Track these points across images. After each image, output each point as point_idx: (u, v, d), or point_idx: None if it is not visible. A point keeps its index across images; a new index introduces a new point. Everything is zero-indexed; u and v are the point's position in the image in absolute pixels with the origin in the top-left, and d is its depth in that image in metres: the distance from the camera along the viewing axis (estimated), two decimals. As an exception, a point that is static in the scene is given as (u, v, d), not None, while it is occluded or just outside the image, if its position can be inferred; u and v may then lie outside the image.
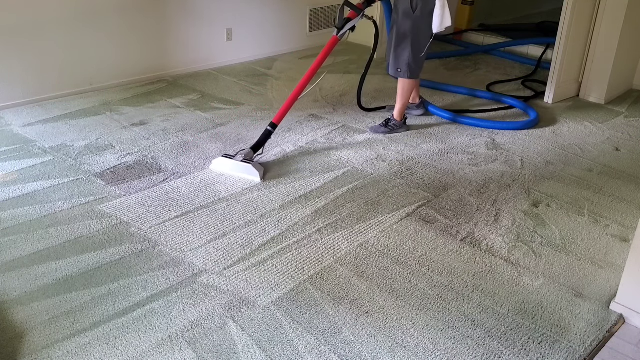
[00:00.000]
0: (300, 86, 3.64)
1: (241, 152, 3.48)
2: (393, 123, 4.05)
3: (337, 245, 2.79)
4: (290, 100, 3.63)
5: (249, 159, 3.42)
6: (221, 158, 3.46)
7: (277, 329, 2.27)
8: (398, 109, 4.03)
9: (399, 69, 3.89)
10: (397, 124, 4.06)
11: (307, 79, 3.65)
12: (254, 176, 3.33)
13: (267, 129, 3.59)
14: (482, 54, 5.99)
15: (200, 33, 5.03)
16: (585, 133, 4.22)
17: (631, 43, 4.76)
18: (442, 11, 3.66)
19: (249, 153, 3.45)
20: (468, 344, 2.25)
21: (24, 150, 3.55)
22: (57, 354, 2.11)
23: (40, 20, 4.09)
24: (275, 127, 3.61)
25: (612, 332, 2.36)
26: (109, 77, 4.57)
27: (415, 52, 3.83)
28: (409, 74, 3.89)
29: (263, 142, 3.58)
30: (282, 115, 3.62)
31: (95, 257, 2.63)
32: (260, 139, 3.58)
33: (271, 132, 3.60)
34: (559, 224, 3.07)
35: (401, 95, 3.98)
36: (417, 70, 3.94)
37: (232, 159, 3.43)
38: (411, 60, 3.84)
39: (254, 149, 3.51)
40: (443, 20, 3.68)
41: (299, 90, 3.63)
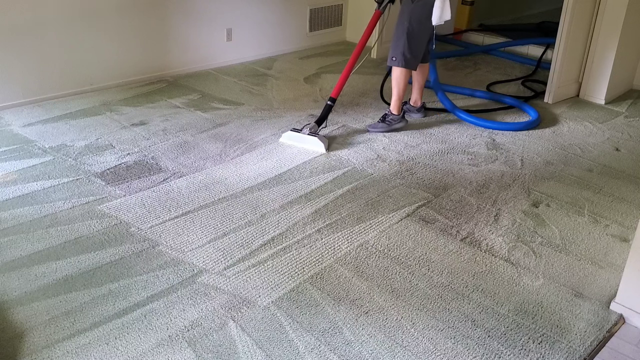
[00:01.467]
0: (352, 60, 3.89)
1: (307, 126, 3.82)
2: (390, 117, 4.02)
3: (337, 245, 2.80)
4: (345, 75, 3.90)
5: (315, 132, 3.75)
6: (290, 132, 3.79)
7: (277, 329, 2.27)
8: (394, 101, 3.99)
9: (394, 58, 3.85)
10: (395, 117, 4.02)
11: (357, 53, 3.88)
12: (320, 147, 3.67)
13: (328, 103, 3.89)
14: (482, 54, 5.99)
15: (200, 33, 5.03)
16: (585, 133, 4.22)
17: (631, 43, 4.76)
18: (443, 4, 3.64)
19: (314, 127, 3.79)
20: (468, 344, 2.25)
21: (24, 150, 3.55)
22: (57, 354, 2.11)
23: (40, 20, 4.09)
24: (334, 102, 3.90)
25: (612, 332, 2.36)
26: (109, 77, 4.57)
27: (411, 41, 3.78)
28: (403, 62, 3.83)
29: (325, 116, 3.88)
30: (339, 89, 3.90)
31: (95, 257, 2.63)
32: (322, 114, 3.89)
33: (331, 106, 3.89)
34: (559, 224, 3.07)
35: (396, 85, 3.93)
36: (413, 61, 3.87)
37: (299, 132, 3.76)
38: (406, 50, 3.80)
39: (318, 123, 3.83)
40: (443, 13, 3.66)
41: (351, 64, 3.89)
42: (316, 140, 3.70)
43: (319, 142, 3.69)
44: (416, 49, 3.85)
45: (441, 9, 3.64)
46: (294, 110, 4.38)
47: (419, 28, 3.77)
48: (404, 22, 3.78)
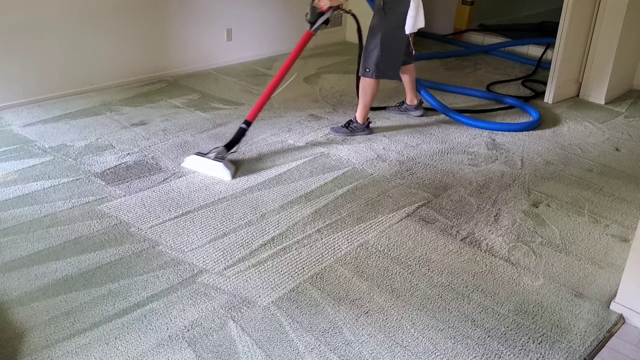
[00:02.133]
0: (274, 83, 3.60)
1: (214, 150, 3.44)
2: (354, 125, 3.95)
3: (337, 245, 2.79)
4: (264, 98, 3.60)
5: (221, 157, 3.39)
6: (194, 156, 3.43)
7: (277, 329, 2.27)
8: (359, 110, 3.93)
9: (367, 69, 3.79)
10: (359, 126, 3.95)
11: (281, 76, 3.60)
12: (225, 175, 3.31)
13: (241, 126, 3.57)
14: (482, 54, 5.99)
15: (200, 33, 5.03)
16: (585, 133, 4.22)
17: (631, 43, 4.76)
18: (416, 12, 3.64)
19: (221, 151, 3.43)
20: (468, 344, 2.25)
21: (24, 150, 3.55)
22: (57, 354, 2.11)
23: (40, 20, 4.09)
24: (249, 125, 3.58)
25: (612, 332, 2.36)
26: (109, 77, 4.57)
27: (385, 52, 3.74)
28: (376, 73, 3.78)
29: (237, 140, 3.55)
30: (256, 112, 3.60)
31: (95, 257, 2.63)
32: (234, 137, 3.55)
33: (245, 129, 3.57)
34: (559, 224, 3.07)
35: (363, 95, 3.87)
36: (387, 72, 3.83)
37: (204, 156, 3.40)
38: (380, 60, 3.75)
39: (228, 147, 3.49)
40: (416, 21, 3.67)
41: (272, 87, 3.60)
42: (221, 166, 3.32)
43: (223, 168, 3.32)
44: (393, 58, 3.81)
45: (414, 18, 3.65)
46: (294, 110, 4.38)
47: (394, 38, 3.74)
48: (377, 34, 3.72)
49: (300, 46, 3.64)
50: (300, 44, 3.65)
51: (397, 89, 4.64)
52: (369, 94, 3.87)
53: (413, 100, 4.26)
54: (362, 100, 3.91)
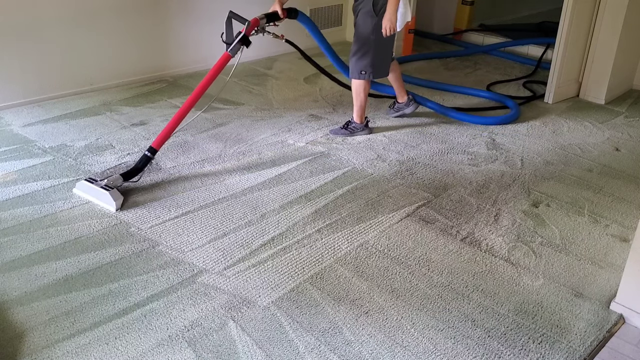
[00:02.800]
0: (183, 109, 3.30)
1: (109, 177, 3.13)
2: (353, 126, 3.99)
3: (337, 245, 2.79)
4: (171, 125, 3.29)
5: (112, 186, 3.06)
6: (84, 181, 3.13)
7: (277, 329, 2.27)
8: (356, 111, 3.96)
9: (363, 72, 3.80)
10: (358, 126, 3.99)
11: (193, 100, 3.33)
12: (110, 205, 3.00)
13: (145, 154, 3.24)
14: (482, 54, 5.99)
15: (200, 33, 5.02)
16: (585, 133, 4.22)
17: (631, 43, 4.76)
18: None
19: (117, 179, 3.11)
20: (468, 344, 2.25)
21: (24, 150, 3.55)
22: (57, 354, 2.11)
23: (40, 20, 4.09)
24: (154, 153, 3.26)
25: (612, 332, 2.36)
26: (109, 77, 4.57)
27: (380, 52, 3.80)
28: (373, 74, 3.84)
29: (140, 169, 3.23)
30: (162, 140, 3.29)
31: (95, 257, 2.63)
32: (136, 165, 3.24)
33: (150, 158, 3.25)
34: (559, 224, 3.07)
35: (357, 97, 3.90)
36: (383, 69, 3.90)
37: (94, 182, 3.09)
38: (376, 61, 3.80)
39: (125, 176, 3.15)
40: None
41: (181, 114, 3.29)
42: (107, 195, 3.00)
43: (109, 197, 3.00)
44: (386, 57, 3.88)
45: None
46: (294, 110, 4.38)
47: (385, 38, 3.75)
48: (369, 37, 3.73)
49: (216, 69, 3.36)
50: (217, 66, 3.35)
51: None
52: (362, 95, 3.90)
53: (403, 97, 4.25)
54: (358, 101, 3.93)
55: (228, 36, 3.37)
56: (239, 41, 3.34)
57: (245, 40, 3.37)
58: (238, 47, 3.35)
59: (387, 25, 3.60)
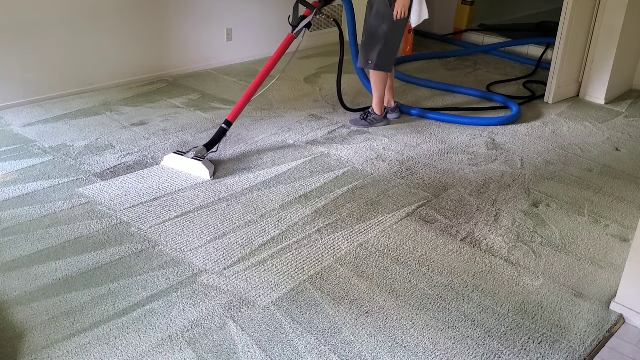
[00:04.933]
0: (255, 84, 3.64)
1: (194, 149, 3.46)
2: (372, 117, 4.10)
3: (337, 245, 2.79)
4: (245, 98, 3.63)
5: (201, 156, 3.40)
6: (173, 154, 3.44)
7: (277, 329, 2.27)
8: (375, 102, 4.07)
9: (370, 61, 3.89)
10: (377, 117, 4.10)
11: (262, 78, 3.66)
12: (204, 174, 3.32)
13: (222, 127, 3.60)
14: (482, 54, 5.99)
15: (200, 33, 5.03)
16: (585, 133, 4.22)
17: (631, 43, 4.76)
18: (420, 5, 3.72)
19: (201, 150, 3.43)
20: (468, 344, 2.25)
21: (24, 150, 3.55)
22: (57, 354, 2.11)
23: (40, 20, 4.09)
24: (230, 125, 3.60)
25: (612, 332, 2.36)
26: (109, 77, 4.57)
27: (390, 46, 3.86)
28: (380, 66, 3.91)
29: (217, 140, 3.56)
30: (236, 113, 3.63)
31: (95, 257, 2.63)
32: (214, 137, 3.56)
33: (226, 130, 3.59)
34: (559, 224, 3.07)
35: (375, 88, 4.01)
36: (389, 63, 3.95)
37: (184, 155, 3.41)
38: (385, 53, 3.87)
39: (207, 147, 3.49)
40: (421, 14, 3.75)
41: (254, 88, 3.64)
42: (200, 165, 3.32)
43: (203, 167, 3.32)
44: (393, 51, 3.92)
45: (419, 11, 3.73)
46: (294, 110, 4.38)
47: (397, 32, 3.82)
48: (381, 26, 3.79)
49: (282, 48, 3.70)
50: (282, 46, 3.71)
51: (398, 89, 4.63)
52: (381, 86, 4.00)
53: (391, 102, 4.27)
54: (377, 92, 4.03)
55: (294, 20, 3.72)
56: (304, 25, 3.73)
57: (309, 24, 3.75)
58: (302, 30, 3.74)
59: (400, 9, 3.65)
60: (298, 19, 3.69)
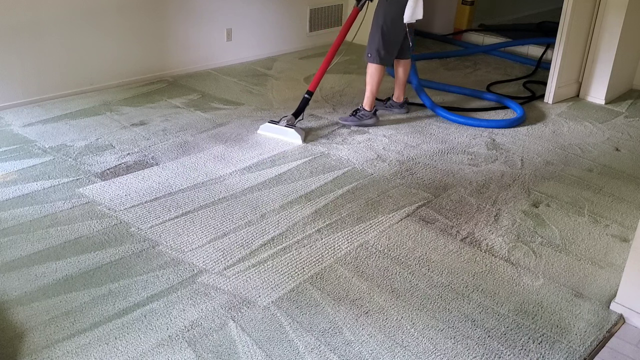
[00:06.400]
0: (330, 54, 3.98)
1: (284, 118, 3.89)
2: (362, 113, 4.10)
3: (337, 245, 2.79)
4: (323, 69, 3.99)
5: (292, 124, 3.86)
6: (267, 124, 3.89)
7: (277, 329, 2.27)
8: (367, 97, 4.08)
9: (369, 54, 3.98)
10: (366, 113, 4.10)
11: (335, 48, 4.00)
12: (296, 139, 3.77)
13: (305, 96, 3.99)
14: (482, 54, 5.99)
15: (200, 33, 5.03)
16: (585, 133, 4.22)
17: (631, 43, 4.76)
18: (415, 3, 3.75)
19: (290, 119, 3.89)
20: (468, 344, 2.25)
21: (24, 150, 3.55)
22: (57, 354, 2.11)
23: (40, 20, 4.09)
24: (311, 95, 3.99)
25: (612, 332, 2.36)
26: (109, 77, 4.57)
27: (385, 39, 3.90)
28: (377, 59, 3.96)
29: (302, 109, 3.98)
30: (316, 83, 4.00)
31: (95, 257, 2.63)
32: (299, 106, 3.99)
33: (308, 99, 3.99)
34: (559, 224, 3.07)
35: (369, 82, 4.03)
36: (387, 58, 3.99)
37: (277, 124, 3.86)
38: (380, 47, 3.92)
39: (295, 115, 3.93)
40: (415, 11, 3.78)
41: (329, 58, 3.98)
42: (293, 131, 3.80)
43: (295, 133, 3.79)
44: (390, 46, 3.95)
45: (413, 8, 3.76)
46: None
47: (393, 26, 3.87)
48: (378, 20, 3.88)
49: (350, 20, 4.01)
50: (350, 18, 4.01)
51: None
52: (375, 80, 4.02)
53: (400, 97, 4.31)
54: (369, 87, 4.04)
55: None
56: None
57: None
58: (365, 2, 3.98)
59: None
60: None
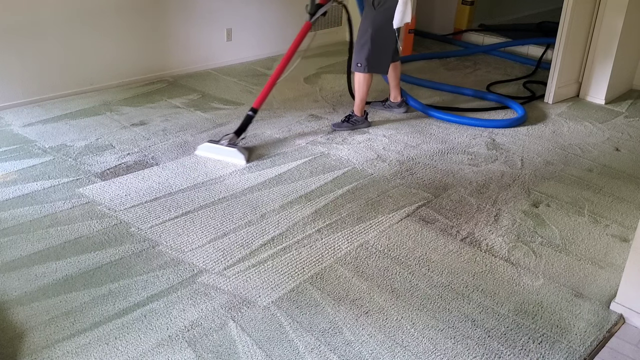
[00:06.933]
0: (278, 70, 3.75)
1: (225, 137, 3.58)
2: (354, 119, 4.08)
3: (337, 245, 2.79)
4: (269, 85, 3.74)
5: (234, 143, 3.54)
6: (207, 143, 3.57)
7: (277, 329, 2.27)
8: (357, 104, 4.06)
9: (359, 64, 3.90)
10: (358, 119, 4.09)
11: (284, 63, 3.76)
12: (239, 159, 3.45)
13: (248, 113, 3.69)
14: (482, 54, 5.99)
15: (200, 33, 5.03)
16: (585, 133, 4.22)
17: (631, 43, 4.76)
18: (404, 7, 3.71)
19: (232, 138, 3.56)
20: (468, 344, 2.25)
21: (24, 150, 3.55)
22: (57, 354, 2.11)
23: (40, 20, 4.09)
24: (255, 112, 3.70)
25: (612, 332, 2.36)
26: (109, 77, 4.57)
27: (375, 47, 3.84)
28: (367, 68, 3.90)
29: (245, 127, 3.68)
30: (261, 99, 3.72)
31: (95, 257, 2.63)
32: (242, 124, 3.68)
33: (252, 116, 3.69)
34: (559, 224, 3.07)
35: (358, 90, 4.00)
36: (378, 66, 3.94)
37: (217, 143, 3.55)
38: (371, 55, 3.86)
39: (237, 134, 3.61)
40: (404, 16, 3.74)
41: (277, 75, 3.75)
42: (235, 151, 3.48)
43: (238, 153, 3.48)
44: (383, 53, 3.91)
45: (402, 12, 3.72)
46: (294, 110, 4.38)
47: (383, 33, 3.83)
48: (367, 29, 3.81)
49: (300, 35, 3.81)
50: (300, 34, 3.81)
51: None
52: (363, 88, 3.99)
53: (397, 97, 4.32)
54: (359, 94, 4.03)
55: (311, 7, 3.82)
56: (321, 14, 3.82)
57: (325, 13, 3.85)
58: (318, 18, 3.83)
59: None
60: (315, 6, 3.77)
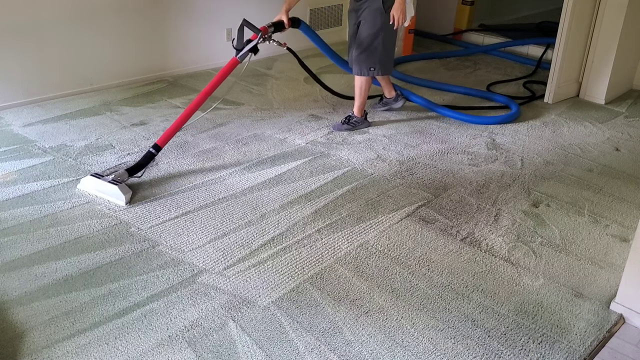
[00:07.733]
0: (191, 108, 3.40)
1: (114, 172, 3.21)
2: (354, 120, 4.09)
3: (337, 245, 2.79)
4: (177, 124, 3.37)
5: (120, 180, 3.11)
6: (90, 177, 3.17)
7: (277, 329, 2.27)
8: (357, 106, 4.08)
9: (372, 68, 3.91)
10: (359, 120, 4.10)
11: (200, 101, 3.41)
12: (119, 199, 3.04)
13: (150, 150, 3.31)
14: (482, 54, 5.99)
15: (200, 33, 5.03)
16: (585, 133, 4.22)
17: (631, 43, 4.76)
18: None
19: (122, 175, 3.15)
20: (468, 344, 2.25)
21: (24, 150, 3.55)
22: (57, 354, 2.11)
23: (40, 20, 4.09)
24: (159, 150, 3.33)
25: (612, 332, 2.36)
26: (109, 77, 4.57)
27: (388, 48, 3.91)
28: (382, 70, 3.95)
29: (143, 165, 3.28)
30: (167, 138, 3.35)
31: (95, 257, 2.63)
32: (140, 161, 3.28)
33: (154, 154, 3.31)
34: (559, 224, 3.07)
35: (360, 93, 4.02)
36: (389, 67, 4.02)
37: (101, 178, 3.14)
38: (384, 57, 3.91)
39: (130, 172, 3.20)
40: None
41: (189, 113, 3.39)
42: (116, 190, 3.04)
43: (118, 192, 3.03)
44: (391, 53, 3.98)
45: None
46: (294, 110, 4.39)
47: (393, 34, 3.89)
48: (378, 33, 3.81)
49: (223, 72, 3.47)
50: (224, 70, 3.47)
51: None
52: (366, 92, 4.03)
53: (391, 92, 4.33)
54: (360, 97, 4.04)
55: (239, 43, 3.50)
56: (249, 49, 3.49)
57: (254, 49, 3.52)
58: (247, 54, 3.49)
59: (399, 15, 3.67)
60: (243, 42, 3.48)
